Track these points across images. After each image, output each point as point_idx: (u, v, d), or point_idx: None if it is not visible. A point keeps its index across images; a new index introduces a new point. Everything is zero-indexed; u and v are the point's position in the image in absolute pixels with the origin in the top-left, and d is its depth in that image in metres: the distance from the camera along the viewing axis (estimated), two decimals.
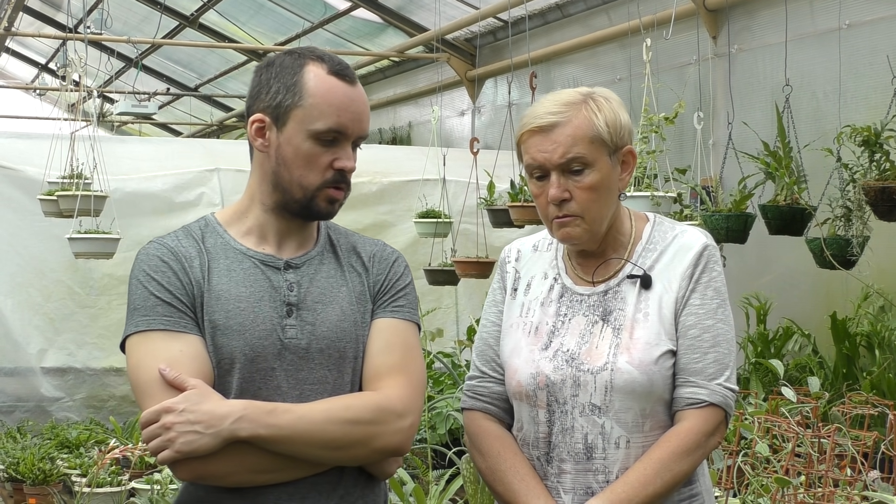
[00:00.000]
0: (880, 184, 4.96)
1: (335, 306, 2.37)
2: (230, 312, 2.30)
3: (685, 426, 2.41)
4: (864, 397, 4.44)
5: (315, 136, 2.32)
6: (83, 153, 7.38)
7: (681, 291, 2.46)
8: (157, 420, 2.19)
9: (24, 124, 17.72)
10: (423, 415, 5.63)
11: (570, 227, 2.46)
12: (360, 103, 2.37)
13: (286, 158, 2.34)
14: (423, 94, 11.80)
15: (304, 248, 2.42)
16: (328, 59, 2.36)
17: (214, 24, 13.10)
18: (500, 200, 6.97)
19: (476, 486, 4.38)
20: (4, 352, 7.91)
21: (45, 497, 6.20)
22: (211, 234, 2.40)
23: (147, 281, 2.31)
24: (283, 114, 2.33)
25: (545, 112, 2.44)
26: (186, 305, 2.30)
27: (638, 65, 6.07)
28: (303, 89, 2.32)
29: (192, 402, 2.19)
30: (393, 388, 2.33)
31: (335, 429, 2.25)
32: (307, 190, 2.34)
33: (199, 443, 2.17)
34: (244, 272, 2.35)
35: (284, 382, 2.31)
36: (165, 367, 2.23)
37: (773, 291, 6.61)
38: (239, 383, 2.29)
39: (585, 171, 2.43)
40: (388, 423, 2.29)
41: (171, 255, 2.34)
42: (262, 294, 2.33)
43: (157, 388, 2.22)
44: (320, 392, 2.32)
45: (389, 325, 2.40)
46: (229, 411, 2.19)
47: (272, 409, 2.23)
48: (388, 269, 2.46)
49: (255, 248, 2.39)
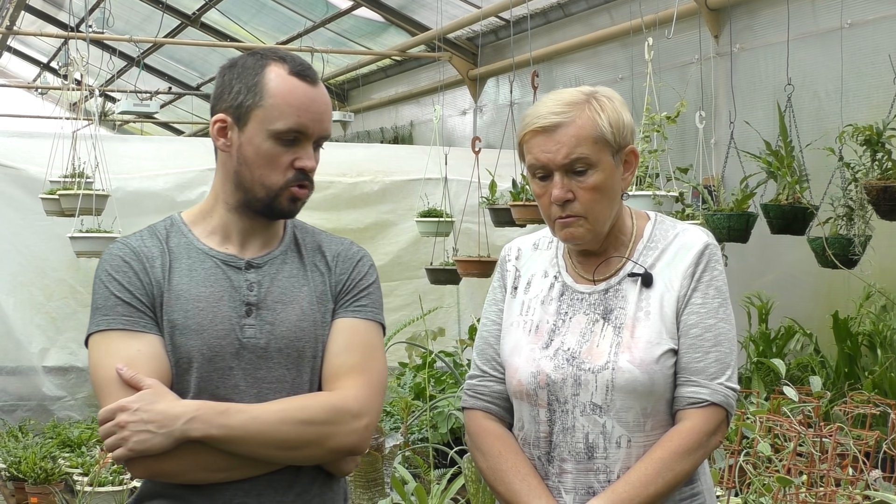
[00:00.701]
0: (882, 183, 4.95)
1: (295, 306, 2.38)
2: (189, 312, 2.33)
3: (686, 425, 2.41)
4: (865, 397, 4.43)
5: (275, 136, 2.34)
6: (85, 152, 7.38)
7: (682, 290, 2.46)
8: (113, 418, 2.22)
9: (26, 123, 17.73)
10: (425, 414, 5.64)
11: (573, 228, 2.46)
12: (321, 103, 2.38)
13: (247, 158, 2.36)
14: (424, 93, 11.79)
15: (268, 247, 2.44)
16: (290, 59, 2.38)
17: (216, 23, 13.10)
18: (502, 199, 6.97)
19: (477, 486, 4.38)
20: (6, 351, 7.92)
21: (46, 496, 6.20)
22: (175, 234, 2.43)
23: (108, 281, 2.35)
24: (244, 114, 2.35)
25: (548, 112, 2.43)
26: (146, 305, 2.34)
27: (640, 64, 6.06)
28: (263, 90, 2.34)
29: (146, 402, 2.22)
30: (350, 389, 2.34)
31: (289, 429, 2.27)
32: (269, 189, 2.36)
33: (152, 442, 2.21)
34: (205, 272, 2.37)
35: (242, 381, 2.33)
36: (122, 366, 2.26)
37: (775, 291, 6.60)
38: (197, 382, 2.32)
39: (589, 172, 2.43)
40: (342, 424, 2.30)
41: (132, 255, 2.37)
42: (222, 294, 2.36)
43: (114, 387, 2.26)
44: (278, 391, 2.34)
45: (350, 325, 2.41)
46: (182, 411, 2.23)
47: (225, 409, 2.26)
48: (351, 268, 2.46)
49: (218, 247, 2.41)
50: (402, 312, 7.95)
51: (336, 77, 12.92)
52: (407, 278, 8.56)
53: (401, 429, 5.51)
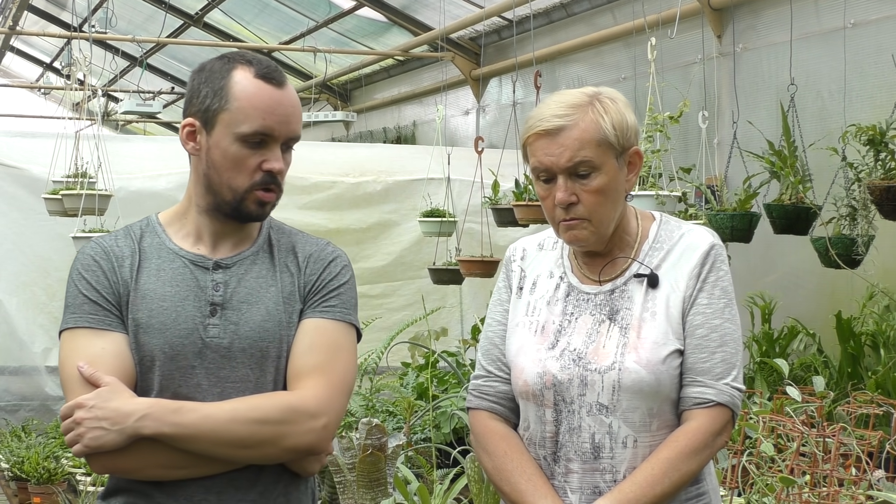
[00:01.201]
0: (885, 183, 4.95)
1: (260, 306, 2.40)
2: (153, 311, 2.36)
3: (693, 426, 2.41)
4: (868, 396, 4.43)
5: (241, 139, 2.35)
6: (88, 152, 7.38)
7: (688, 291, 2.46)
8: (72, 414, 2.27)
9: (29, 123, 17.77)
10: (428, 414, 5.64)
11: (577, 230, 2.46)
12: (288, 105, 2.39)
13: (215, 161, 2.38)
14: (427, 93, 11.79)
15: (239, 248, 2.46)
16: (256, 62, 2.39)
17: (219, 23, 13.11)
18: (505, 199, 6.97)
19: (480, 486, 4.38)
20: (9, 351, 7.92)
21: (49, 496, 6.20)
22: (150, 234, 2.47)
23: (78, 279, 2.41)
24: (211, 118, 2.37)
25: (551, 115, 2.43)
26: (112, 304, 2.37)
27: (642, 64, 6.06)
28: (229, 93, 2.36)
29: (101, 399, 2.26)
30: (309, 389, 2.35)
31: (240, 428, 2.28)
32: (236, 192, 2.38)
33: (105, 439, 2.25)
34: (173, 272, 2.40)
35: (205, 380, 2.36)
36: (84, 364, 2.30)
37: (778, 291, 6.60)
38: (160, 380, 2.35)
39: (592, 175, 2.42)
40: (298, 423, 2.31)
41: (103, 254, 2.42)
42: (188, 293, 2.38)
43: (76, 384, 2.31)
44: (242, 390, 2.36)
45: (316, 325, 2.42)
46: (135, 409, 2.26)
47: (178, 407, 2.28)
48: (322, 268, 2.47)
49: (189, 248, 2.44)
50: (405, 312, 7.96)
51: (339, 77, 12.93)
52: (410, 278, 8.56)
53: (404, 429, 5.51)
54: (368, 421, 4.55)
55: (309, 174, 8.36)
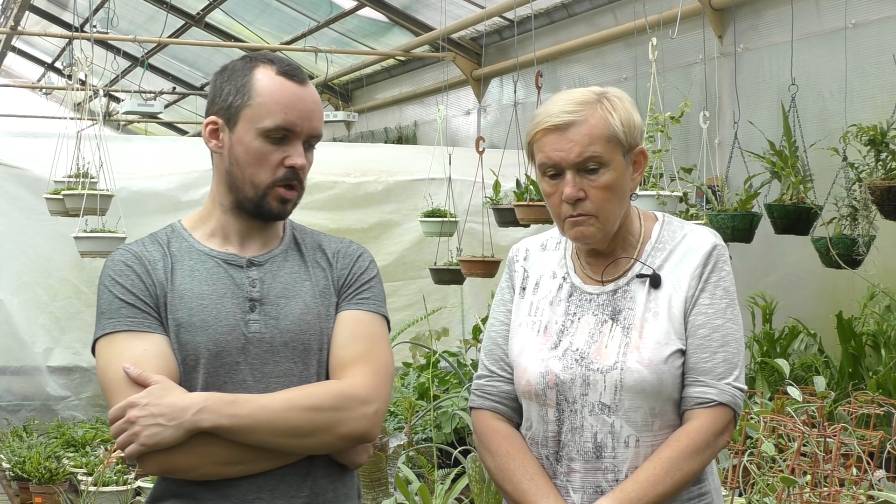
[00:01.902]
0: (886, 183, 4.95)
1: (298, 300, 2.41)
2: (193, 310, 2.36)
3: (694, 425, 2.42)
4: (869, 396, 4.43)
5: (264, 135, 2.37)
6: (89, 152, 7.38)
7: (690, 291, 2.46)
8: (123, 415, 2.25)
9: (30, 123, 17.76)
10: (429, 414, 5.64)
11: (584, 227, 2.46)
12: (310, 102, 2.42)
13: (238, 158, 2.40)
14: (428, 93, 11.79)
15: (268, 246, 2.48)
16: (278, 61, 2.43)
17: (220, 24, 13.11)
18: (506, 199, 6.97)
19: (481, 486, 4.38)
20: (10, 351, 7.91)
21: (50, 496, 6.20)
22: (176, 239, 2.47)
23: (112, 285, 2.39)
24: (233, 114, 2.40)
25: (560, 111, 2.44)
26: (150, 306, 2.37)
27: (644, 64, 6.06)
28: (251, 89, 2.39)
29: (154, 396, 2.25)
30: (357, 376, 2.36)
31: (297, 416, 2.28)
32: (258, 188, 2.39)
33: (163, 435, 2.23)
34: (207, 271, 2.41)
35: (249, 376, 2.36)
36: (129, 365, 2.29)
37: (779, 291, 6.60)
38: (204, 378, 2.35)
39: (601, 171, 2.43)
40: (351, 409, 2.32)
41: (134, 259, 2.41)
42: (225, 291, 2.39)
43: (122, 386, 2.29)
44: (286, 384, 2.36)
45: (354, 317, 2.44)
46: (191, 403, 2.25)
47: (233, 399, 2.28)
48: (352, 263, 2.50)
49: (218, 248, 2.45)
50: (406, 312, 7.94)
51: (340, 77, 12.93)
52: (411, 278, 8.56)
53: (405, 429, 5.51)
54: None
55: (310, 174, 8.25)
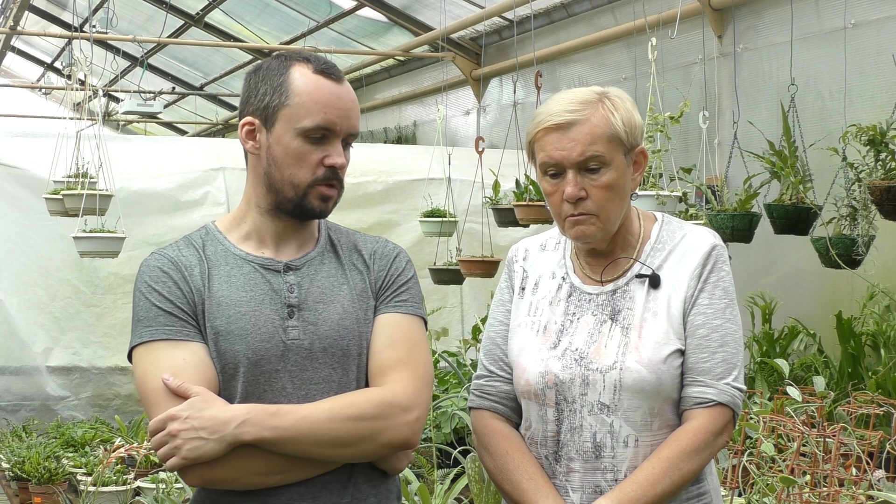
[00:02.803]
0: (886, 183, 4.95)
1: (336, 305, 2.38)
2: (231, 318, 2.33)
3: (693, 425, 2.42)
4: (869, 396, 4.43)
5: (303, 134, 2.34)
6: (88, 152, 7.38)
7: (689, 291, 2.47)
8: (164, 428, 2.22)
9: (30, 123, 17.76)
10: (429, 414, 5.64)
11: (584, 226, 2.46)
12: (348, 100, 2.39)
13: (277, 158, 2.36)
14: (428, 93, 11.79)
15: (304, 249, 2.44)
16: (314, 59, 2.39)
17: (220, 24, 13.11)
18: (506, 199, 6.97)
19: (481, 486, 4.38)
20: (10, 351, 7.92)
21: (50, 496, 6.20)
22: (211, 242, 2.43)
23: (149, 292, 2.35)
24: (271, 115, 2.36)
25: (562, 110, 2.44)
26: (188, 314, 2.34)
27: (643, 64, 6.06)
28: (289, 89, 2.35)
29: (195, 409, 2.22)
30: (397, 383, 2.34)
31: (339, 426, 2.26)
32: (298, 188, 2.36)
33: (205, 448, 2.20)
34: (244, 277, 2.37)
35: (289, 384, 2.33)
36: (169, 376, 2.26)
37: (779, 291, 6.60)
38: (244, 387, 2.32)
39: (602, 170, 2.43)
40: (393, 418, 2.30)
41: (171, 265, 2.38)
42: (263, 297, 2.36)
43: (162, 398, 2.26)
44: (326, 391, 2.34)
45: (393, 321, 2.42)
46: (233, 416, 2.22)
47: (275, 411, 2.25)
48: (389, 264, 2.47)
49: (254, 252, 2.41)
50: None
51: None
52: None
53: None
54: None
55: None
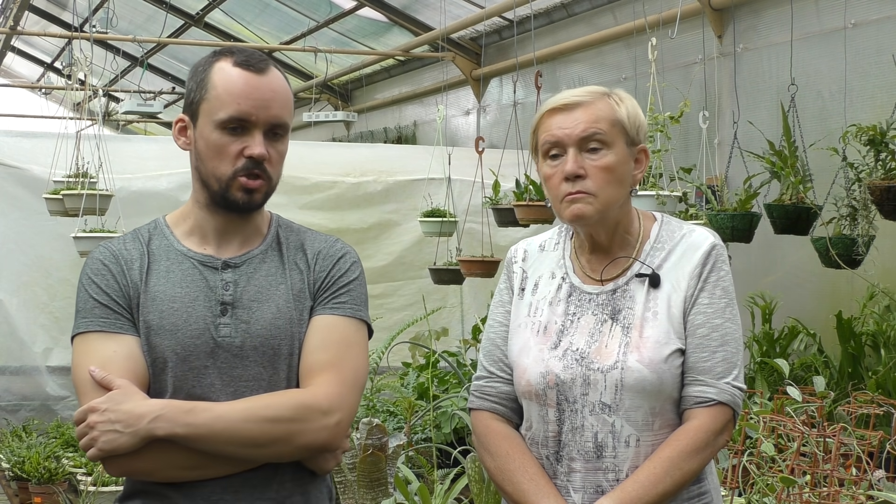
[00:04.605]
0: (886, 183, 4.95)
1: (271, 304, 2.40)
2: (164, 313, 2.37)
3: (694, 425, 2.42)
4: (869, 396, 4.44)
5: (220, 126, 2.37)
6: (88, 152, 7.39)
7: (689, 290, 2.47)
8: (85, 419, 2.28)
9: (30, 123, 17.78)
10: (429, 414, 5.64)
11: (581, 204, 2.46)
12: (267, 90, 2.38)
13: (201, 152, 2.40)
14: (428, 93, 11.80)
15: (247, 246, 2.46)
16: (239, 52, 2.42)
17: (220, 24, 13.11)
18: (506, 199, 6.97)
19: (481, 486, 4.38)
20: (10, 351, 7.92)
21: (50, 496, 6.20)
22: (157, 237, 2.47)
23: (88, 284, 2.41)
24: (195, 110, 2.41)
25: (568, 95, 2.50)
26: (123, 307, 2.38)
27: (643, 64, 6.06)
28: (208, 83, 2.39)
29: (113, 402, 2.27)
30: (321, 386, 2.35)
31: (254, 427, 2.28)
32: (221, 180, 2.38)
33: (119, 441, 2.26)
34: (182, 273, 2.41)
35: (218, 380, 2.36)
36: (95, 368, 2.31)
37: (779, 291, 6.60)
38: (173, 381, 2.35)
39: (602, 151, 2.46)
40: (311, 421, 2.31)
41: (112, 258, 2.43)
42: (197, 294, 2.39)
43: (88, 388, 2.32)
44: (255, 389, 2.36)
45: (327, 322, 2.42)
46: (147, 411, 2.26)
47: (191, 408, 2.28)
48: (331, 265, 2.47)
49: (196, 248, 2.45)
50: (406, 312, 7.95)
51: (339, 77, 12.93)
52: (410, 278, 8.56)
53: (404, 429, 5.51)
54: (369, 421, 4.55)
55: (309, 174, 8.37)
